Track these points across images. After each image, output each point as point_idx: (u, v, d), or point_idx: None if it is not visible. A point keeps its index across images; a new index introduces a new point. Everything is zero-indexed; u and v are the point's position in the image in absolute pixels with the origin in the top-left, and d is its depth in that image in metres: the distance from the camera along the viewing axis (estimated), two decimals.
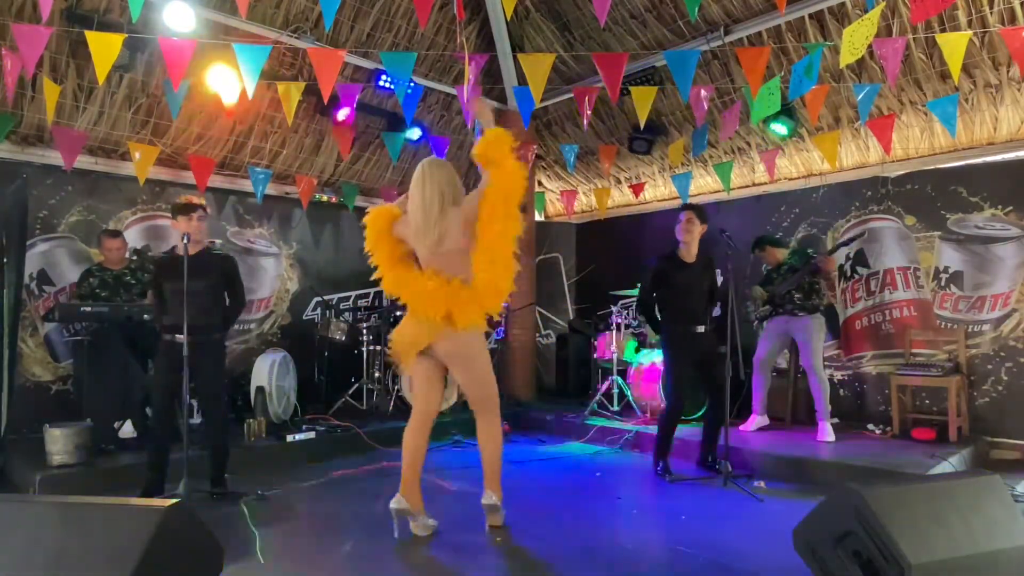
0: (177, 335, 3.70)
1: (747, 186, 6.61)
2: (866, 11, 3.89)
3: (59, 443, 4.02)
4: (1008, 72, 4.71)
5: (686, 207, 4.46)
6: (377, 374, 6.25)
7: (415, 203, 3.22)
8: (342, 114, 5.79)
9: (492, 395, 3.32)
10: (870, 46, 3.84)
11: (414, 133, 6.34)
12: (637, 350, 6.29)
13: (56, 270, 5.26)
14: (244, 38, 5.04)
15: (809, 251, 5.27)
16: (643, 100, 5.01)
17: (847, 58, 3.69)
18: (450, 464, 4.76)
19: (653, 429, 5.19)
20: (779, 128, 5.49)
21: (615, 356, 6.10)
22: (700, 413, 5.43)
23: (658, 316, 4.49)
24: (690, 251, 4.39)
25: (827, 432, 4.84)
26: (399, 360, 3.26)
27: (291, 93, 4.79)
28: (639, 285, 4.80)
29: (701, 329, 4.33)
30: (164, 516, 2.07)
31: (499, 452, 3.31)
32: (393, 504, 3.17)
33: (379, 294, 7.30)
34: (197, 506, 3.36)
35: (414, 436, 3.26)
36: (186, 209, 3.81)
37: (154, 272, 4.03)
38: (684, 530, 3.34)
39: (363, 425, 5.40)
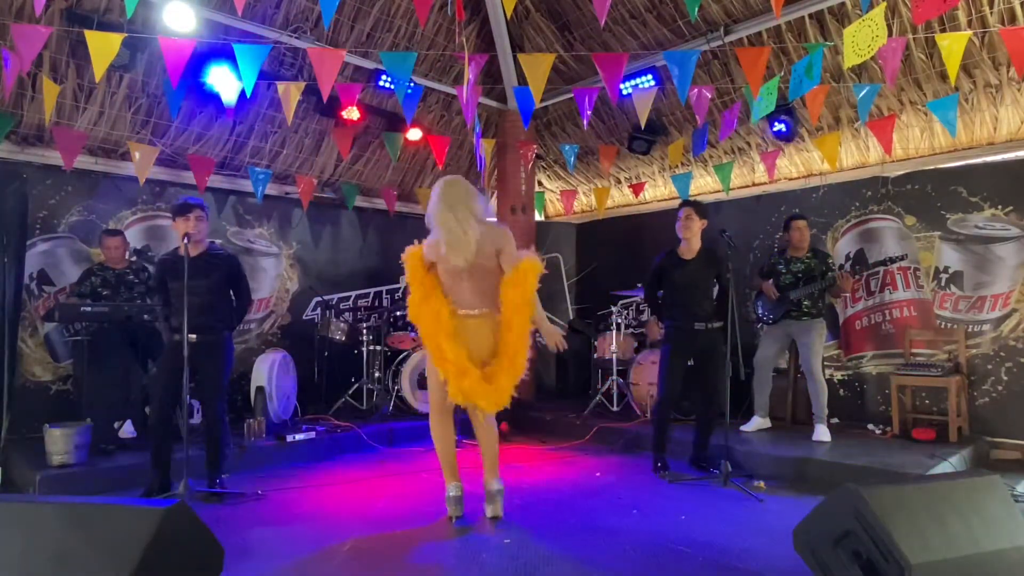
0: (187, 335, 3.73)
1: (747, 186, 6.61)
2: (863, 12, 3.88)
3: (59, 443, 4.02)
4: (1008, 72, 4.71)
5: (685, 203, 4.46)
6: (377, 374, 6.26)
7: (445, 217, 3.30)
8: (347, 113, 5.94)
9: None
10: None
11: (414, 133, 6.34)
12: (637, 350, 6.29)
13: (56, 270, 5.26)
14: (244, 38, 5.05)
15: (829, 260, 5.14)
16: (643, 100, 5.01)
17: (851, 59, 3.68)
18: None
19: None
20: (780, 128, 5.45)
21: (615, 356, 6.10)
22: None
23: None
24: (690, 247, 4.38)
25: (822, 433, 4.83)
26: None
27: (291, 93, 4.80)
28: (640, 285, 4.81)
29: (700, 326, 4.32)
30: (164, 516, 2.07)
31: (497, 443, 3.62)
32: (453, 492, 3.50)
33: (379, 294, 7.31)
34: (197, 506, 3.37)
35: (442, 429, 3.55)
36: (183, 209, 3.81)
37: (158, 272, 4.03)
38: (684, 530, 3.33)
39: (363, 425, 5.41)
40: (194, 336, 3.69)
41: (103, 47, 3.94)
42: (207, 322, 3.81)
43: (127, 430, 4.84)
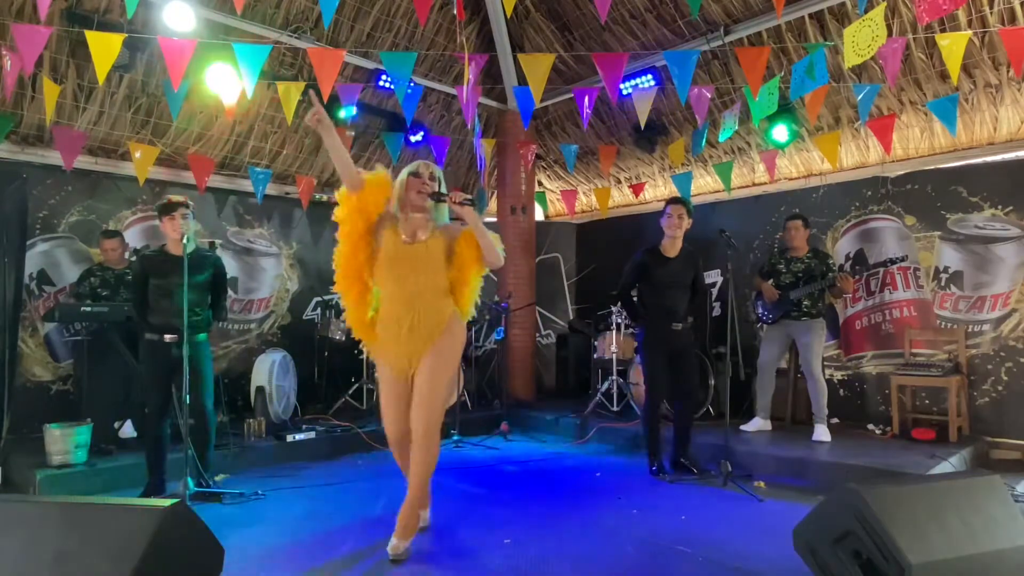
0: (165, 335, 3.72)
1: (747, 186, 6.61)
2: (861, 12, 3.88)
3: (59, 443, 4.02)
4: (1008, 72, 4.71)
5: (675, 201, 4.42)
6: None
7: None
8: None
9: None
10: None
11: (416, 136, 6.34)
12: (636, 350, 6.28)
13: (56, 270, 5.26)
14: (244, 38, 5.05)
15: (830, 261, 5.12)
16: (643, 100, 5.01)
17: (852, 59, 3.67)
18: (450, 464, 4.75)
19: None
20: (780, 134, 5.44)
21: (615, 356, 6.10)
22: (699, 413, 5.44)
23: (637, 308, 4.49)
24: (674, 245, 4.37)
25: (822, 434, 4.83)
26: None
27: (291, 93, 4.80)
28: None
29: (678, 326, 4.32)
30: (164, 516, 2.07)
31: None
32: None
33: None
34: (197, 506, 3.36)
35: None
36: (167, 208, 3.77)
37: (140, 268, 3.87)
38: (684, 530, 3.33)
39: (363, 425, 5.40)
40: (173, 336, 3.66)
41: (104, 48, 3.94)
42: (188, 322, 3.76)
43: (127, 430, 4.84)
